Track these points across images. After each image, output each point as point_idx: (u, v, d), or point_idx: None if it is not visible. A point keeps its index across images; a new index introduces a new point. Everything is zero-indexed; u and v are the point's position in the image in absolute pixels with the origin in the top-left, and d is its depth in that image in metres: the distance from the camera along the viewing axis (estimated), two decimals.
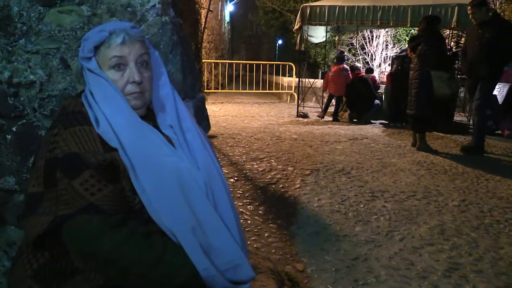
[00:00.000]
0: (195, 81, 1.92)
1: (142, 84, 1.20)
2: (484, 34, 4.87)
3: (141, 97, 1.21)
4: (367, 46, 11.89)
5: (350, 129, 6.72)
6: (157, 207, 1.11)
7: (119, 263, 1.05)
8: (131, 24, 1.23)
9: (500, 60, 4.86)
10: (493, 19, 4.92)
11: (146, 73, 1.22)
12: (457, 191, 3.77)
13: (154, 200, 1.11)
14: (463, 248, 2.68)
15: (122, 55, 1.17)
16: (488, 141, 5.95)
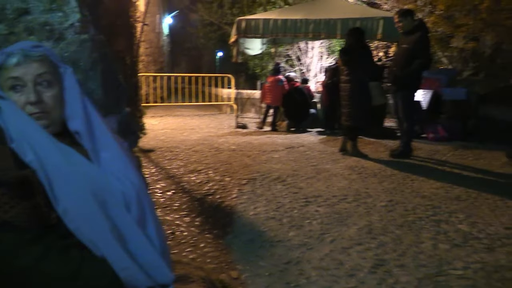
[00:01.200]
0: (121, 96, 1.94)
1: (43, 104, 1.21)
2: (407, 42, 5.22)
3: (45, 117, 1.22)
4: (303, 58, 12.28)
5: (288, 138, 6.91)
6: (75, 219, 1.12)
7: (35, 279, 1.05)
8: (33, 43, 1.24)
9: (417, 68, 5.18)
10: (417, 28, 5.23)
11: (48, 92, 1.23)
12: (384, 192, 4.00)
13: (71, 213, 1.12)
14: (388, 245, 2.86)
15: (17, 76, 1.18)
16: (414, 144, 6.35)
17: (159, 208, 3.48)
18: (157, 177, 4.42)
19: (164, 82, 12.09)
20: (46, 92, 1.22)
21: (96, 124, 1.30)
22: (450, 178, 4.65)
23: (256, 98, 10.07)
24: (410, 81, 5.23)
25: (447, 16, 10.19)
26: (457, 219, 3.42)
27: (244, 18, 8.19)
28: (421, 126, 6.99)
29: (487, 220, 3.43)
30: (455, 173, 4.90)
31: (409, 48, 5.17)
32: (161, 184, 4.16)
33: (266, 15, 8.37)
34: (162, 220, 3.23)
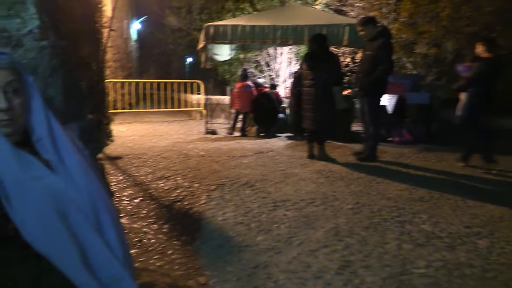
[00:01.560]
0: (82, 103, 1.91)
1: (11, 111, 1.20)
2: (371, 49, 5.36)
3: (11, 124, 1.20)
4: (272, 63, 12.39)
5: (257, 143, 6.95)
6: (33, 231, 1.11)
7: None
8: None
9: (380, 74, 5.31)
10: (379, 35, 5.39)
11: (16, 100, 1.22)
12: (351, 195, 4.08)
13: (29, 225, 1.11)
14: (354, 247, 2.92)
15: None
16: (381, 148, 6.50)
17: (126, 215, 3.44)
18: (124, 185, 4.36)
19: (132, 88, 11.92)
20: (14, 100, 1.21)
21: (56, 132, 1.29)
22: (414, 180, 4.79)
23: (225, 104, 10.09)
24: (375, 87, 5.37)
25: (411, 23, 10.50)
26: (420, 219, 3.53)
27: (212, 24, 8.21)
28: (387, 130, 7.17)
29: (448, 219, 3.55)
30: (419, 175, 5.05)
31: (372, 54, 5.32)
32: (128, 192, 4.11)
33: (234, 21, 8.41)
34: (129, 228, 3.19)
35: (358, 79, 5.53)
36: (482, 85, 5.20)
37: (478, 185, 4.71)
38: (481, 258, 2.87)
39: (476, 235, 3.26)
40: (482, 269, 2.71)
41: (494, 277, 2.62)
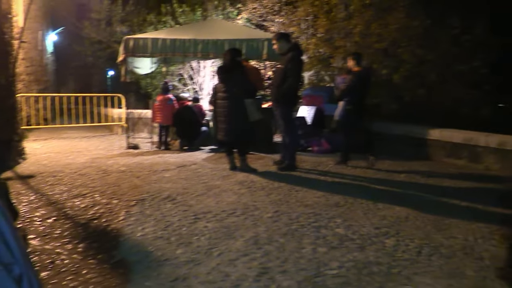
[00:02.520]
0: None
1: None
2: (282, 62, 5.67)
3: None
4: (196, 76, 12.40)
5: (180, 156, 6.90)
6: None
7: None
8: None
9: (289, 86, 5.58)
10: (290, 49, 5.69)
11: None
12: (271, 204, 4.20)
13: None
14: (272, 254, 3.01)
15: None
16: (301, 157, 6.76)
17: (37, 237, 3.26)
18: (36, 205, 4.12)
19: (48, 103, 11.28)
20: None
21: None
22: (331, 186, 5.04)
23: (148, 118, 9.90)
24: (286, 98, 5.64)
25: (327, 38, 11.07)
26: (335, 223, 3.72)
27: (131, 37, 8.07)
28: (307, 140, 7.47)
29: (360, 222, 3.79)
30: (335, 182, 5.32)
31: (283, 67, 5.64)
32: (40, 212, 3.89)
33: (155, 35, 8.34)
34: (40, 249, 3.02)
35: (272, 91, 5.83)
36: (354, 94, 6.15)
37: (387, 189, 5.06)
38: (388, 256, 3.10)
39: (384, 235, 3.51)
40: (388, 266, 2.93)
41: (399, 272, 2.84)
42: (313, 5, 11.11)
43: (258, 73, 7.74)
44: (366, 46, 10.09)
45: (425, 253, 3.20)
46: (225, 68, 5.59)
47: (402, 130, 7.79)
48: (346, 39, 10.62)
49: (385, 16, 10.17)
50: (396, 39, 9.78)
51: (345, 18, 10.76)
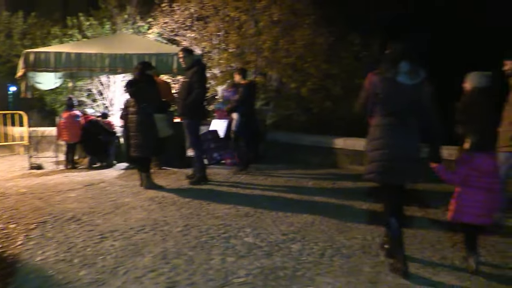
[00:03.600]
0: None
1: None
2: (188, 76, 5.74)
3: None
4: (106, 92, 11.97)
5: (89, 175, 6.60)
6: None
7: None
8: None
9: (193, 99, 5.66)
10: (195, 64, 5.80)
11: None
12: (182, 218, 4.19)
13: None
14: (180, 267, 3.01)
15: None
16: (214, 170, 6.82)
17: None
18: None
19: None
20: None
21: None
22: (242, 197, 5.14)
23: (53, 136, 9.32)
24: (191, 111, 5.71)
25: (239, 53, 11.33)
26: (244, 233, 3.81)
27: (32, 50, 7.61)
28: (220, 153, 7.54)
29: (269, 230, 3.92)
30: (246, 193, 5.44)
31: (188, 81, 5.73)
32: None
33: (58, 48, 7.95)
34: None
35: (177, 105, 5.90)
36: (245, 105, 6.76)
37: (296, 196, 5.28)
38: (294, 260, 3.25)
39: (291, 241, 3.67)
40: (293, 269, 3.07)
41: (303, 275, 2.99)
42: (224, 21, 11.32)
43: (169, 88, 7.69)
44: (275, 61, 10.49)
45: (327, 254, 3.39)
46: (134, 82, 5.48)
47: (311, 140, 8.18)
48: (257, 54, 10.96)
49: (292, 32, 10.67)
50: (303, 55, 10.30)
51: (255, 34, 11.09)
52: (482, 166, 3.12)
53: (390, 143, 3.05)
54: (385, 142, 3.06)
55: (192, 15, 12.15)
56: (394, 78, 3.03)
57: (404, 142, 3.06)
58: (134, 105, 5.42)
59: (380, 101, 3.08)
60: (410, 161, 3.07)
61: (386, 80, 3.06)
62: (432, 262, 3.32)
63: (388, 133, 3.06)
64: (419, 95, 3.06)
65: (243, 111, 6.79)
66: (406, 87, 3.03)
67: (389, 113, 3.07)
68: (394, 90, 3.04)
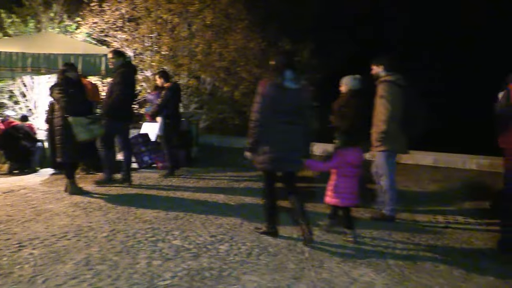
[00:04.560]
0: None
1: None
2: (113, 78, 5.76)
3: None
4: (29, 93, 11.32)
5: (8, 181, 6.20)
6: None
7: None
8: None
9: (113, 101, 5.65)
10: (121, 66, 5.75)
11: None
12: (108, 223, 4.08)
13: None
14: (104, 273, 2.94)
15: None
16: (145, 174, 6.71)
17: None
18: None
19: None
20: None
21: None
22: (173, 201, 5.12)
23: None
24: (111, 112, 5.66)
25: (171, 56, 11.22)
26: (172, 236, 3.80)
27: None
28: (151, 157, 7.42)
29: (198, 232, 3.94)
30: (177, 196, 5.41)
31: (112, 83, 5.76)
32: None
33: None
34: None
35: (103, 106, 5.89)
36: (169, 108, 6.75)
37: (226, 198, 5.33)
38: (221, 260, 3.30)
39: (219, 242, 3.72)
40: (220, 269, 3.12)
41: (229, 274, 3.05)
42: (156, 23, 11.17)
43: (96, 89, 7.47)
44: (208, 64, 10.53)
45: (254, 253, 3.49)
46: (56, 85, 5.25)
47: (243, 143, 8.25)
48: (189, 57, 10.92)
49: (225, 37, 10.78)
50: (236, 59, 10.43)
51: (188, 37, 11.07)
52: (350, 159, 3.85)
53: (281, 139, 3.66)
54: (277, 138, 3.66)
55: (123, 16, 11.85)
56: (282, 84, 3.63)
57: (291, 137, 3.70)
58: (57, 109, 5.20)
59: (270, 103, 3.62)
60: (296, 153, 3.74)
61: (275, 86, 3.64)
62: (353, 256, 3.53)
63: (279, 130, 3.66)
64: (302, 98, 3.73)
65: (167, 114, 6.74)
66: (291, 91, 3.66)
67: (280, 113, 3.65)
68: (282, 94, 3.63)
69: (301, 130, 3.73)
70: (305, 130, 3.77)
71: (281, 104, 3.64)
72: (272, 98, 3.62)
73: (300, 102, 3.71)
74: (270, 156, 3.68)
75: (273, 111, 3.64)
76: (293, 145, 3.72)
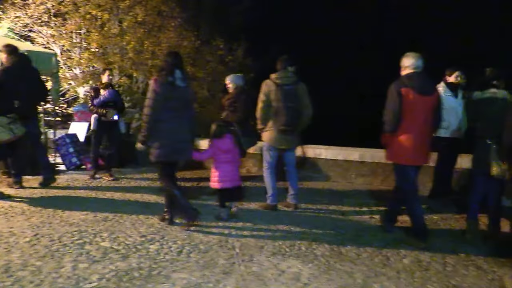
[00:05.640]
0: None
1: None
2: None
3: None
4: None
5: None
6: None
7: None
8: None
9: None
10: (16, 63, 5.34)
11: None
12: (31, 228, 3.90)
13: None
14: (26, 279, 2.82)
15: None
16: (73, 176, 6.46)
17: None
18: None
19: None
20: None
21: None
22: (102, 202, 4.98)
23: None
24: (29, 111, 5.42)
25: (101, 53, 10.84)
26: (101, 238, 3.71)
27: None
28: (79, 158, 7.14)
29: (128, 233, 3.88)
30: (107, 197, 5.28)
31: None
32: None
33: None
34: None
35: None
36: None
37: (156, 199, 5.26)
38: (150, 259, 3.28)
39: (150, 241, 3.69)
40: (149, 269, 3.10)
41: (159, 273, 3.05)
42: (84, 19, 10.72)
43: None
44: (140, 62, 10.31)
45: (185, 251, 3.50)
46: None
47: None
48: (121, 55, 10.62)
49: (158, 34, 10.61)
50: None
51: (119, 34, 10.75)
52: (223, 147, 4.36)
53: (173, 132, 4.02)
54: (169, 131, 4.01)
55: (49, 10, 11.26)
56: (173, 82, 4.01)
57: (182, 131, 4.10)
58: None
59: (162, 99, 3.97)
60: (184, 144, 4.16)
61: (166, 84, 4.00)
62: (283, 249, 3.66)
63: (171, 124, 4.01)
64: (188, 95, 4.24)
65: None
66: (180, 88, 4.07)
67: (171, 109, 4.01)
68: (172, 91, 4.01)
69: (188, 123, 4.17)
70: (191, 123, 4.24)
71: (171, 101, 4.01)
72: (163, 95, 3.97)
73: (187, 98, 4.19)
74: (163, 148, 4.03)
75: (164, 107, 3.99)
76: (182, 137, 4.12)
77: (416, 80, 3.84)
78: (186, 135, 4.16)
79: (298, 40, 14.99)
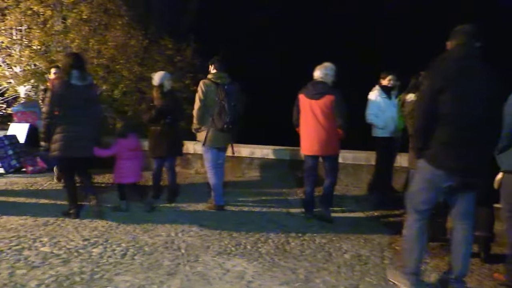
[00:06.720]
0: None
1: None
2: None
3: None
4: None
5: None
6: None
7: None
8: None
9: None
10: None
11: None
12: None
13: None
14: None
15: None
16: (12, 179, 6.17)
17: None
18: None
19: None
20: None
21: None
22: (43, 206, 4.81)
23: None
24: None
25: (44, 51, 10.40)
26: (41, 243, 3.61)
27: None
28: (19, 160, 6.83)
29: (69, 237, 3.79)
30: (48, 201, 5.06)
31: None
32: None
33: None
34: None
35: None
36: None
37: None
38: (93, 263, 3.23)
39: (93, 245, 3.62)
40: (91, 273, 3.06)
41: (101, 277, 3.02)
42: (25, 15, 10.24)
43: None
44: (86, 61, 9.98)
45: (129, 254, 3.48)
46: None
47: None
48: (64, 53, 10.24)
49: (104, 33, 10.33)
50: (115, 56, 10.07)
51: (62, 32, 10.36)
52: (128, 145, 4.73)
53: (71, 129, 4.26)
54: (67, 128, 4.25)
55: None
56: (69, 81, 4.24)
57: (82, 128, 4.31)
58: None
59: (59, 99, 4.23)
60: (85, 141, 4.35)
61: (63, 84, 4.27)
62: (228, 249, 3.71)
63: (69, 122, 4.26)
64: (88, 93, 4.41)
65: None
66: (78, 88, 4.27)
67: (69, 107, 4.24)
68: (69, 91, 4.24)
69: (88, 121, 4.36)
70: (93, 121, 4.45)
71: (69, 99, 4.24)
72: (60, 94, 4.23)
73: (86, 97, 4.36)
74: (61, 144, 4.24)
75: (62, 105, 4.24)
76: (81, 134, 4.31)
77: (310, 87, 4.62)
78: (87, 132, 4.35)
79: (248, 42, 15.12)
